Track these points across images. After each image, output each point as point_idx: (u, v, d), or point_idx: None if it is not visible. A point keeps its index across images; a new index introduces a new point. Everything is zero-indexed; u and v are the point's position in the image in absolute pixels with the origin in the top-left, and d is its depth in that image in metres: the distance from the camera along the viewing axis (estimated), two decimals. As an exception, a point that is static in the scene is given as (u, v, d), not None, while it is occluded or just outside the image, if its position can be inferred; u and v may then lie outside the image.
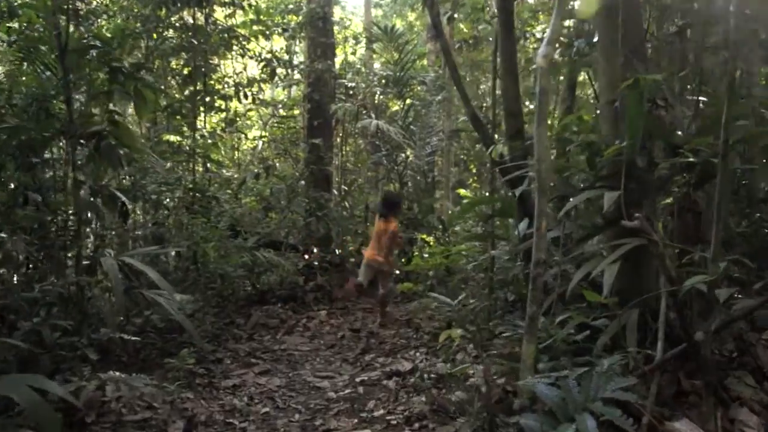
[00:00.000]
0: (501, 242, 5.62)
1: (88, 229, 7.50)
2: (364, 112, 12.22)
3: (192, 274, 7.27)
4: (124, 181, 6.43)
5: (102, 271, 4.69)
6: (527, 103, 10.21)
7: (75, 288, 4.37)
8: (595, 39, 4.67)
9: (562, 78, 8.48)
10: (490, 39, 16.29)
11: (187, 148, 9.33)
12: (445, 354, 4.91)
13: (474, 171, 16.47)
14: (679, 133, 4.25)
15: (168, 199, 7.39)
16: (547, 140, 2.97)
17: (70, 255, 5.23)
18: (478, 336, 4.44)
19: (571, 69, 7.18)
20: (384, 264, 7.44)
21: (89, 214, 5.41)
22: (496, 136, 5.60)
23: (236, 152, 14.78)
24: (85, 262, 4.85)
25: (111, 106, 5.12)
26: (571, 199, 4.44)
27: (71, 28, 4.86)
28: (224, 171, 12.24)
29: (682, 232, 4.15)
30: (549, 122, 7.68)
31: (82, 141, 4.57)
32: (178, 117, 10.02)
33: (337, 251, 10.48)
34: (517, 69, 5.28)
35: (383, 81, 12.77)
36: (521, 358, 2.93)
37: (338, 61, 12.62)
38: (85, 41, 4.73)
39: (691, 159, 3.49)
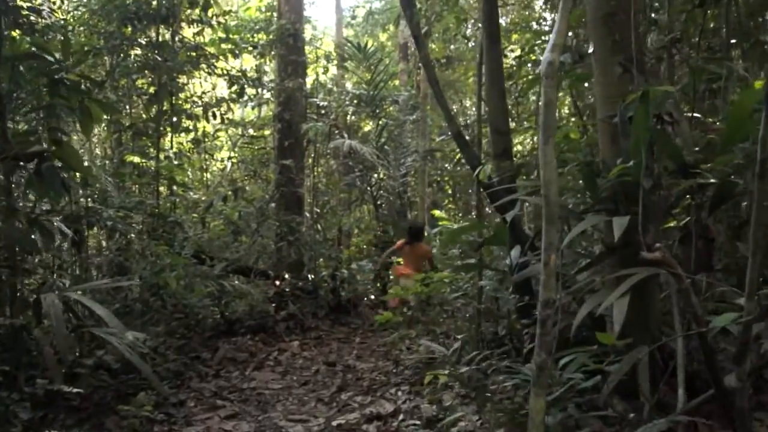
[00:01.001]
0: (486, 271, 5.22)
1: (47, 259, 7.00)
2: (336, 131, 11.84)
3: (156, 304, 6.75)
4: (76, 205, 5.87)
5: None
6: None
7: (10, 330, 3.83)
8: (590, 50, 4.31)
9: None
10: (462, 61, 16.18)
11: (153, 169, 8.82)
12: (430, 395, 4.47)
13: (450, 192, 16.17)
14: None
15: (126, 225, 6.83)
16: (555, 160, 2.57)
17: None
18: (466, 375, 4.00)
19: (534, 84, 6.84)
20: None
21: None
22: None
23: (206, 174, 14.30)
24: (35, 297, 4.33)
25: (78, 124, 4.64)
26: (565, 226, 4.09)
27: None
28: (192, 194, 11.74)
29: (690, 261, 3.79)
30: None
31: (21, 163, 4.05)
32: (144, 138, 9.57)
33: (310, 277, 10.00)
34: (503, 82, 4.92)
35: (355, 101, 12.44)
36: (529, 414, 2.51)
37: (309, 81, 12.23)
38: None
39: (712, 180, 3.12)
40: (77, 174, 5.24)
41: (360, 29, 22.15)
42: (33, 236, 4.06)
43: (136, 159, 9.23)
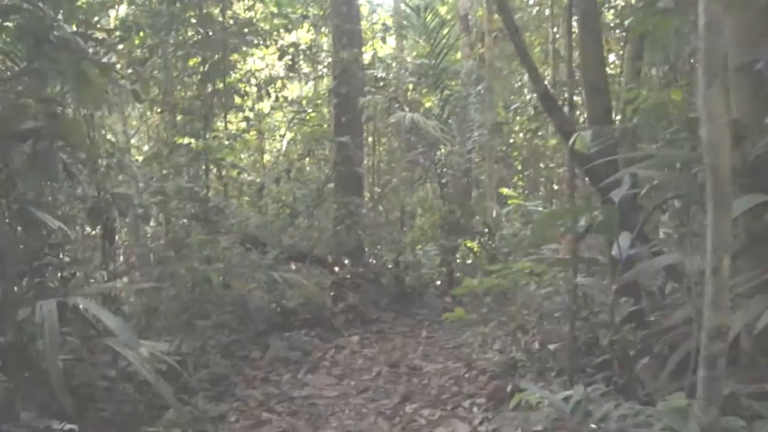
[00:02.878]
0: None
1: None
2: (397, 105, 10.99)
3: (205, 296, 6.11)
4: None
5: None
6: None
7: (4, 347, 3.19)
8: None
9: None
10: (526, 31, 15.00)
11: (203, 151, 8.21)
12: (514, 416, 3.63)
13: (519, 167, 15.10)
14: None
15: (169, 212, 6.21)
16: (726, 113, 1.69)
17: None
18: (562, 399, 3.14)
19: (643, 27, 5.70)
20: None
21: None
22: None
23: (265, 155, 13.74)
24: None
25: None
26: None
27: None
28: (246, 175, 11.15)
29: None
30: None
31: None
32: (194, 118, 9.04)
33: (371, 263, 9.25)
34: (599, 29, 3.97)
35: (416, 75, 11.61)
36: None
37: (367, 58, 11.40)
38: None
39: None
40: (103, 157, 4.60)
41: (420, 1, 21.14)
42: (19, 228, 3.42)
43: (186, 140, 8.68)
